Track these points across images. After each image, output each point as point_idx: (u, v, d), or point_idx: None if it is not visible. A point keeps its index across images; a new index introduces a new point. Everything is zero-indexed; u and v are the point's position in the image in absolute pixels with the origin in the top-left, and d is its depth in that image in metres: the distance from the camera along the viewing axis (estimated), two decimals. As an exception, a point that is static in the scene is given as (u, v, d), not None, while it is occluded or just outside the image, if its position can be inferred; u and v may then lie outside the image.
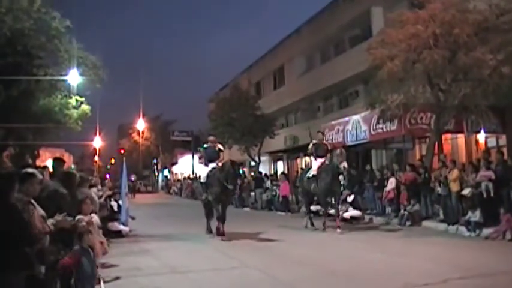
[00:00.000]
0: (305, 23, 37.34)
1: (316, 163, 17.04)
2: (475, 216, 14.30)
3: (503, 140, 20.97)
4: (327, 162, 16.86)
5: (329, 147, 17.49)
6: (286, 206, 25.60)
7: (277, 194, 27.07)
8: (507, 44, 16.99)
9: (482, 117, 18.72)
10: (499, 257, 10.14)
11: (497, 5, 17.28)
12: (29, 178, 6.02)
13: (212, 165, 15.61)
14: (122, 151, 75.96)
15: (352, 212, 19.10)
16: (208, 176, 15.46)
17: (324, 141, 18.15)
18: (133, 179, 49.92)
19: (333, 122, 27.09)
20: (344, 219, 18.31)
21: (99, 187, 17.07)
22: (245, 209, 29.55)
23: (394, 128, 21.12)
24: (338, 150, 16.64)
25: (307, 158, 27.26)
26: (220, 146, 16.54)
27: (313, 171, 16.97)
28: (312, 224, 17.26)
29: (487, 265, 9.58)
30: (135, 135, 76.45)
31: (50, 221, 6.16)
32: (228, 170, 14.44)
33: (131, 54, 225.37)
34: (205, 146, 16.74)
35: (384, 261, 10.15)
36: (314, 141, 17.61)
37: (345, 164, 16.03)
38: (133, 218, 17.32)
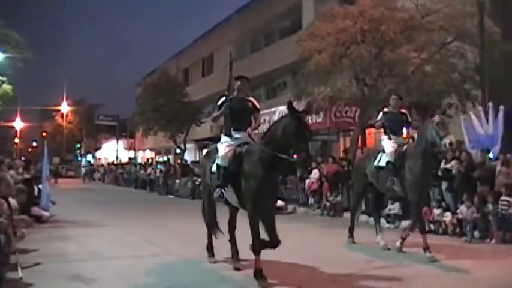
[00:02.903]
0: (236, 11, 37.31)
1: (389, 143, 10.76)
2: (395, 208, 14.69)
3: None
4: (411, 141, 11.21)
5: (408, 118, 11.18)
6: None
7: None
8: (431, 44, 17.59)
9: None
10: (413, 248, 10.48)
11: (424, 5, 17.85)
12: None
13: (238, 135, 8.35)
14: (44, 134, 73.73)
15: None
16: (233, 156, 8.04)
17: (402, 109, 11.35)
18: (56, 161, 48.55)
19: (260, 112, 27.22)
20: None
21: (20, 170, 16.50)
22: (169, 196, 29.30)
23: (319, 120, 21.48)
24: (437, 117, 9.83)
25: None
26: (254, 101, 8.67)
27: (388, 156, 10.58)
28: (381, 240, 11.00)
29: (403, 254, 9.99)
30: (58, 118, 74.38)
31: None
32: (295, 127, 7.23)
33: (59, 34, 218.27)
34: (226, 97, 8.52)
35: (301, 250, 10.28)
36: (386, 109, 11.28)
37: (451, 138, 9.42)
38: (54, 203, 16.81)
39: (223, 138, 8.45)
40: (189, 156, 39.33)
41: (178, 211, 19.23)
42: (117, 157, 60.27)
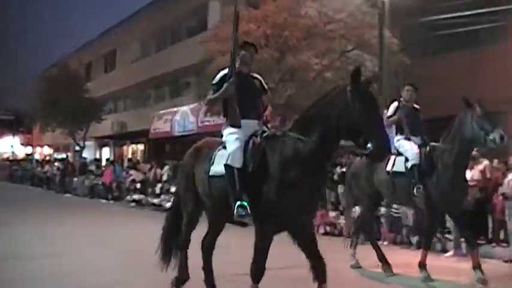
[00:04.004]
0: (143, 8, 36.62)
1: (408, 143, 8.67)
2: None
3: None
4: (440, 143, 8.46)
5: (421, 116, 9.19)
6: (110, 194, 25.06)
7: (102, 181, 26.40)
8: (332, 51, 18.00)
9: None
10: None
11: (326, 13, 18.22)
12: None
13: (248, 122, 6.06)
14: None
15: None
16: (252, 152, 5.74)
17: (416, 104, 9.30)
18: None
19: (162, 112, 27.01)
20: (166, 210, 18.27)
21: None
22: (67, 195, 28.46)
23: (221, 121, 21.44)
24: (478, 109, 7.81)
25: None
26: (261, 79, 6.59)
27: (412, 158, 8.41)
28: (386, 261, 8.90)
29: (294, 258, 9.98)
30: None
31: None
32: (363, 104, 5.15)
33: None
34: (229, 70, 6.18)
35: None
36: (402, 99, 9.19)
37: (501, 132, 7.63)
38: None
39: (229, 129, 6.01)
40: (88, 154, 38.32)
41: (79, 210, 18.73)
42: (13, 153, 57.96)
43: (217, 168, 5.87)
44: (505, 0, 17.38)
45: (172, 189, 19.98)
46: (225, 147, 5.95)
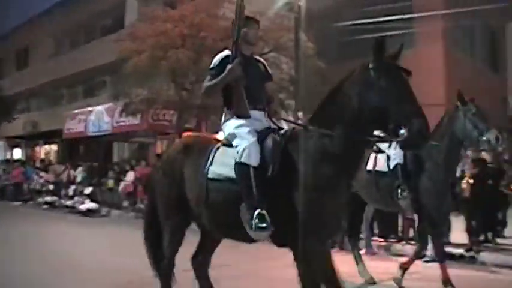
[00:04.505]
0: (57, 3, 35.56)
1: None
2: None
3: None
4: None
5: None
6: (20, 195, 24.22)
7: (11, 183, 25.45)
8: (248, 53, 18.09)
9: (220, 118, 19.69)
10: (227, 251, 10.53)
11: (244, 15, 18.26)
12: None
13: (255, 113, 4.93)
14: None
15: (88, 205, 18.86)
16: (273, 148, 4.59)
17: None
18: None
19: (76, 111, 26.40)
20: (80, 212, 18.36)
21: None
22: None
23: (137, 122, 21.22)
24: (472, 106, 7.14)
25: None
26: (265, 63, 5.38)
27: (395, 157, 7.49)
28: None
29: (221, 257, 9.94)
30: None
31: None
32: (391, 82, 4.18)
33: None
34: (233, 51, 4.90)
35: (112, 255, 9.99)
36: None
37: (496, 133, 7.01)
38: None
39: (236, 121, 4.83)
40: (-2, 155, 36.92)
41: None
42: None
43: (220, 169, 4.71)
44: (416, 8, 18.06)
45: (87, 190, 19.61)
46: (226, 145, 4.86)
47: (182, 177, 5.02)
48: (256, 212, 4.28)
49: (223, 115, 5.05)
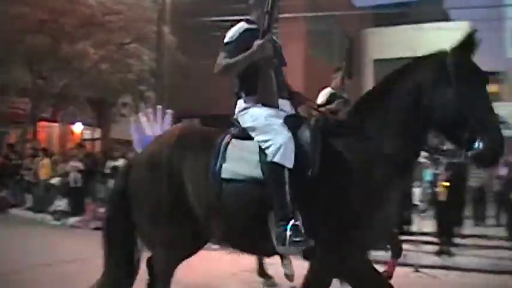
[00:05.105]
0: None
1: None
2: (61, 205, 14.52)
3: (98, 132, 21.90)
4: None
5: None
6: None
7: None
8: (110, 42, 17.82)
9: (80, 109, 19.25)
10: (83, 245, 10.30)
11: (105, 3, 17.92)
12: None
13: (282, 103, 3.91)
14: None
15: None
16: (313, 147, 3.55)
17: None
18: None
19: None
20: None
21: None
22: None
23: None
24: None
25: None
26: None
27: None
28: None
29: (72, 252, 9.61)
30: None
31: None
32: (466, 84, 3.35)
33: None
34: (245, 27, 3.96)
35: None
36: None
37: None
38: None
39: (261, 110, 3.78)
40: None
41: None
42: None
43: (237, 167, 3.67)
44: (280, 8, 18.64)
45: None
46: (238, 137, 3.83)
47: (181, 176, 3.87)
48: (291, 223, 3.38)
49: (240, 101, 3.96)
